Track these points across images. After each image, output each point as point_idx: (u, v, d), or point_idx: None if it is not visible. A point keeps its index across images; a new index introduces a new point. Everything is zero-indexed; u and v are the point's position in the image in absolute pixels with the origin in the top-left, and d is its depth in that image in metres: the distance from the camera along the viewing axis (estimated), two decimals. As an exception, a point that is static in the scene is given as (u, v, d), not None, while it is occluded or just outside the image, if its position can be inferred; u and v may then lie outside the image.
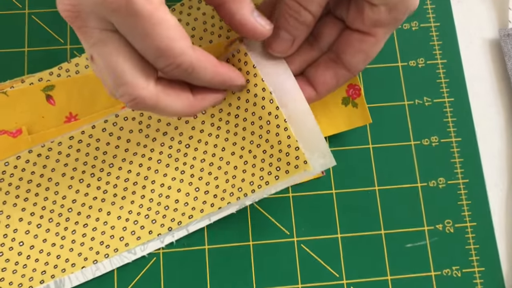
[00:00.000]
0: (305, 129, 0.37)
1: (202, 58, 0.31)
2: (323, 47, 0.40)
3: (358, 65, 0.38)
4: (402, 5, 0.36)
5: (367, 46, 0.38)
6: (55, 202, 0.41)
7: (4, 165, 0.40)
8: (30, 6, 0.45)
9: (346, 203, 0.43)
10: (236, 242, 0.42)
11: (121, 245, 0.40)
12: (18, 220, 0.40)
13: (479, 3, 0.49)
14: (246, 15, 0.33)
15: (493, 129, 0.46)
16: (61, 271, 0.40)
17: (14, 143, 0.41)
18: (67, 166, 0.41)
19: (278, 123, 0.35)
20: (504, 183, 0.45)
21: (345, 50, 0.38)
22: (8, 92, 0.42)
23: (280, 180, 0.37)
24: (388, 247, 0.43)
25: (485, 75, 0.47)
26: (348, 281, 0.42)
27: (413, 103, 0.46)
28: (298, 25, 0.36)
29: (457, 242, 0.43)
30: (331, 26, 0.40)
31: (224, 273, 0.41)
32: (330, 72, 0.39)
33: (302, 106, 0.37)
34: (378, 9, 0.36)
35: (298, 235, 0.42)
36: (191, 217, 0.41)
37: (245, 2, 0.33)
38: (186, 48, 0.30)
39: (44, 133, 0.41)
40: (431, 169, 0.44)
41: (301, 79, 0.39)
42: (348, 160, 0.44)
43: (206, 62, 0.32)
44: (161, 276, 0.41)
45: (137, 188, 0.41)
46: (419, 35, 0.47)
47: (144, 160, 0.42)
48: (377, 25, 0.37)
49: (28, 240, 0.40)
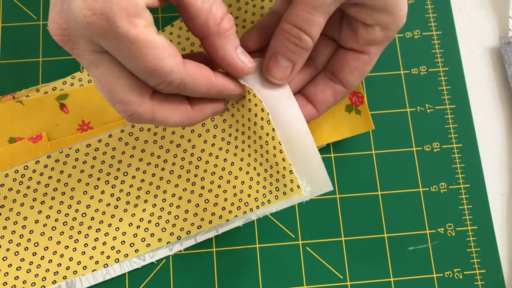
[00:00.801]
0: (304, 150, 0.36)
1: (195, 72, 0.31)
2: (319, 66, 0.40)
3: (354, 82, 0.39)
4: (394, 23, 0.37)
5: (362, 64, 0.38)
6: (70, 207, 0.42)
7: (24, 168, 0.42)
8: (44, 18, 0.46)
9: (349, 208, 0.44)
10: (243, 245, 0.43)
11: (131, 251, 0.41)
12: (34, 221, 0.41)
13: (480, 11, 0.50)
14: (229, 51, 0.33)
15: (494, 135, 0.47)
16: (73, 273, 0.41)
17: (34, 148, 0.42)
18: (83, 172, 0.42)
19: (275, 144, 0.35)
20: (504, 188, 0.45)
21: (341, 69, 0.39)
22: (24, 101, 0.43)
23: (280, 200, 0.36)
24: (391, 250, 0.43)
25: (486, 82, 0.48)
26: (352, 282, 0.42)
27: (415, 110, 0.46)
28: (298, 50, 0.36)
29: (458, 245, 0.43)
30: (324, 45, 0.40)
31: (232, 275, 0.42)
32: (329, 90, 0.39)
33: (302, 127, 0.36)
34: (373, 29, 0.37)
35: (303, 238, 0.43)
36: (199, 227, 0.41)
37: (229, 38, 0.32)
38: (176, 65, 0.30)
39: (62, 139, 0.42)
40: (433, 175, 0.45)
41: (301, 98, 0.40)
42: (351, 165, 0.45)
43: (199, 76, 0.32)
44: (170, 278, 0.42)
45: (149, 197, 0.42)
46: (421, 44, 0.48)
47: (157, 170, 0.42)
48: (371, 44, 0.38)
49: (43, 242, 0.41)
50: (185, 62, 0.31)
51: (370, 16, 0.36)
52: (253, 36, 0.39)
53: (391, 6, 0.36)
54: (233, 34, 0.33)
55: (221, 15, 0.32)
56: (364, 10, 0.36)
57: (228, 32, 0.32)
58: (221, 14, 0.32)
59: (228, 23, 0.32)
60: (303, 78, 0.40)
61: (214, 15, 0.31)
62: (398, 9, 0.36)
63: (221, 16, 0.32)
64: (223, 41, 0.32)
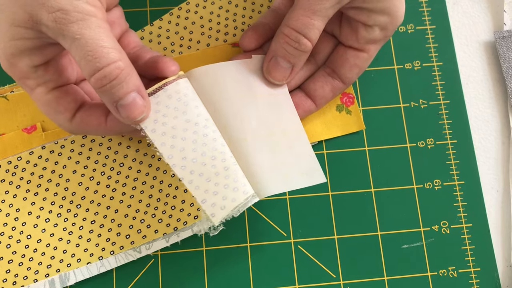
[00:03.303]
0: (299, 147, 0.39)
1: (82, 123, 0.35)
2: (319, 61, 0.42)
3: (353, 78, 0.41)
4: (392, 23, 0.39)
5: (361, 61, 0.41)
6: (65, 198, 0.41)
7: (17, 159, 0.41)
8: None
9: (342, 205, 0.43)
10: (234, 243, 0.42)
11: (127, 243, 0.41)
12: (27, 213, 0.41)
13: (474, 5, 0.49)
14: (108, 105, 0.33)
15: (489, 131, 0.46)
16: (67, 265, 0.40)
17: (28, 139, 0.42)
18: (78, 163, 0.42)
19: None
20: (499, 184, 0.45)
21: (341, 66, 0.41)
22: (8, 96, 0.42)
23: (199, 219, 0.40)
24: (385, 248, 0.43)
25: (481, 77, 0.48)
26: (345, 281, 0.42)
27: (409, 105, 0.46)
28: (297, 53, 0.38)
29: (453, 243, 0.43)
30: (324, 41, 0.42)
31: (222, 275, 0.42)
32: (328, 86, 0.41)
33: (296, 123, 0.39)
34: (372, 29, 0.39)
35: (295, 237, 0.43)
36: (196, 218, 0.41)
37: (104, 93, 0.33)
38: (63, 122, 0.35)
39: (58, 130, 0.42)
40: (427, 171, 0.45)
41: (301, 94, 0.42)
42: (344, 162, 0.44)
43: (86, 126, 0.36)
44: (159, 277, 0.41)
45: (145, 187, 0.42)
46: (415, 38, 0.48)
47: (154, 161, 0.42)
48: (370, 42, 0.40)
49: (36, 234, 0.41)
50: (76, 115, 0.35)
51: (369, 18, 0.38)
52: (249, 35, 0.41)
53: (389, 8, 0.38)
54: (110, 88, 0.32)
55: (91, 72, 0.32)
56: (364, 12, 0.38)
57: (103, 88, 0.32)
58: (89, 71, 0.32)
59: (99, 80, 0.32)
60: (303, 74, 0.42)
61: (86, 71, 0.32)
62: (396, 10, 0.38)
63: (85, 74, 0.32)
64: (101, 95, 0.33)
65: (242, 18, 0.46)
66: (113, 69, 0.31)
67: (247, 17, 0.46)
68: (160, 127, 0.35)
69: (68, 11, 0.30)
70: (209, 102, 0.38)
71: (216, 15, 0.45)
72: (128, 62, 0.32)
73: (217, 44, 0.45)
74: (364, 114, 0.45)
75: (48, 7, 0.30)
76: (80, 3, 0.30)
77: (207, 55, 0.45)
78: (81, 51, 0.30)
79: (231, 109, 0.38)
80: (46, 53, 0.33)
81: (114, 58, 0.31)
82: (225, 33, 0.45)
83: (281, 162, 0.38)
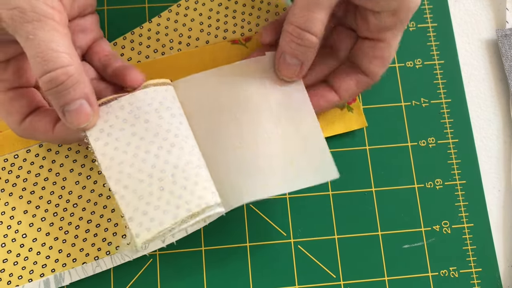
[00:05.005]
0: (313, 140, 0.38)
1: (29, 129, 0.36)
2: (342, 57, 0.42)
3: (376, 70, 0.40)
4: (403, 6, 0.37)
5: (380, 51, 0.39)
6: (61, 197, 0.41)
7: (14, 157, 0.41)
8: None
9: (343, 204, 0.43)
10: (233, 243, 0.42)
11: (123, 243, 0.40)
12: (22, 212, 0.41)
13: (476, 3, 0.49)
14: (56, 109, 0.33)
15: (490, 130, 0.46)
16: (62, 265, 0.40)
17: None
18: (75, 162, 0.42)
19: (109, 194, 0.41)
20: (501, 184, 0.45)
21: (361, 59, 0.40)
22: None
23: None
24: (385, 248, 0.43)
25: (483, 76, 0.47)
26: (345, 282, 0.42)
27: (410, 104, 0.46)
28: (303, 49, 0.37)
29: (454, 243, 0.43)
30: (344, 36, 0.41)
31: (221, 275, 0.41)
32: (352, 79, 0.40)
33: (312, 119, 0.39)
34: (381, 15, 0.37)
35: (295, 237, 0.42)
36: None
37: (53, 96, 0.33)
38: (12, 124, 0.36)
39: None
40: (428, 170, 0.44)
41: (324, 86, 0.41)
42: (345, 161, 0.44)
43: (34, 132, 0.36)
44: (157, 277, 0.41)
45: None
46: (417, 36, 0.47)
47: None
48: (383, 30, 0.38)
49: (31, 233, 0.40)
50: (25, 120, 0.36)
51: (376, 4, 0.36)
52: (266, 32, 0.41)
53: None
54: (56, 92, 0.32)
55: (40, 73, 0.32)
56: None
57: (49, 91, 0.32)
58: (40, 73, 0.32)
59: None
60: (325, 69, 0.42)
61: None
62: None
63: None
64: (49, 97, 0.33)
65: (241, 15, 0.45)
66: (60, 74, 0.31)
67: (246, 13, 0.45)
68: (104, 137, 0.35)
69: (25, 10, 0.30)
70: (216, 105, 0.38)
71: (216, 12, 0.45)
72: (80, 68, 0.32)
73: (216, 41, 0.45)
74: (365, 113, 0.45)
75: (7, 4, 0.30)
76: (38, 3, 0.30)
77: (206, 52, 0.44)
78: (32, 51, 0.31)
79: (241, 109, 0.38)
80: (6, 50, 0.33)
81: (63, 63, 0.31)
82: (225, 30, 0.45)
83: (292, 159, 0.38)
